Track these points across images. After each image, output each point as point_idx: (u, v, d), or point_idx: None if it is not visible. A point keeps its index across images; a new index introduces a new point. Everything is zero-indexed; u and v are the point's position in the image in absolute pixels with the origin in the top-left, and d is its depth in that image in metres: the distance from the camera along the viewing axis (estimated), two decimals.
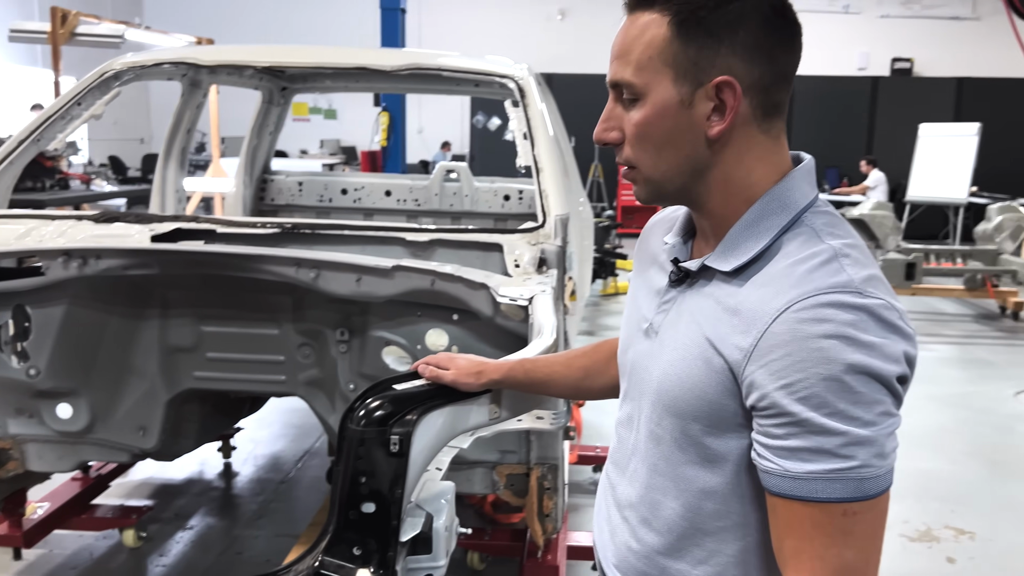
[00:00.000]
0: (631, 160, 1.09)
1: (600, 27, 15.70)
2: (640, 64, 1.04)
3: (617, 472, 1.23)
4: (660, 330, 1.13)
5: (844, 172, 13.65)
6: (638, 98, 1.06)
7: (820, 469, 0.92)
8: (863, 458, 0.92)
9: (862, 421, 0.91)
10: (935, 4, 15.31)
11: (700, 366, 1.03)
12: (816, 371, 0.91)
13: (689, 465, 1.08)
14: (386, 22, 9.28)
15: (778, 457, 0.95)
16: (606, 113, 1.10)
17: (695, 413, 1.05)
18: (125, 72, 3.09)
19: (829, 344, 0.91)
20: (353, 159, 15.23)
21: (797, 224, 1.03)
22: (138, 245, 2.40)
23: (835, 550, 0.94)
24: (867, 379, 0.91)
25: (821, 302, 0.93)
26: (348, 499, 1.52)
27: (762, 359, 0.96)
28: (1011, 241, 8.11)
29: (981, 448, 4.75)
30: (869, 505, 0.93)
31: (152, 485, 3.95)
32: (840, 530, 0.94)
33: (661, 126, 1.04)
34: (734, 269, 1.04)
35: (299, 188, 4.62)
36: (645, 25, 1.05)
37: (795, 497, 0.94)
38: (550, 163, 2.83)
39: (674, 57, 1.02)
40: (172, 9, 15.78)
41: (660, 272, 1.19)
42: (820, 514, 0.94)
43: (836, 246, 0.99)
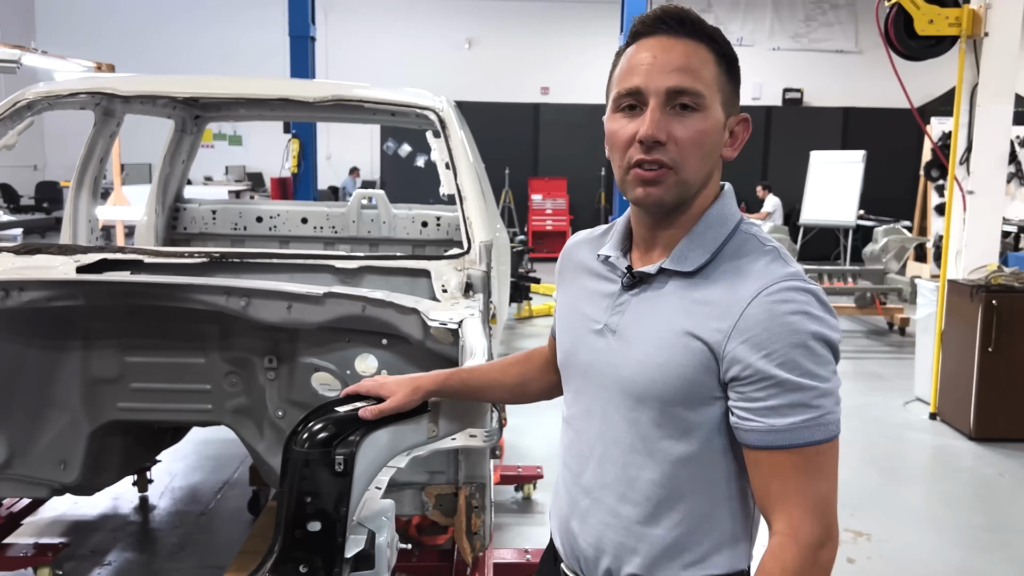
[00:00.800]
0: (676, 161, 1.21)
1: (507, 57, 16.05)
2: (707, 82, 1.21)
3: (580, 462, 1.35)
4: (619, 329, 1.28)
5: (741, 197, 14.26)
6: (699, 109, 1.20)
7: (798, 420, 1.14)
8: (828, 406, 1.15)
9: (824, 377, 1.14)
10: (822, 38, 16.22)
11: (679, 351, 1.20)
12: (788, 340, 1.13)
13: (666, 439, 1.24)
14: (295, 50, 9.25)
15: (761, 416, 1.15)
16: (656, 115, 1.19)
17: (675, 392, 1.21)
18: (38, 102, 3.06)
19: (795, 319, 1.14)
20: (260, 185, 15.01)
21: (737, 233, 1.26)
22: (64, 276, 2.38)
23: (813, 485, 1.16)
24: (823, 344, 1.15)
25: (784, 287, 1.16)
26: (294, 518, 1.57)
27: (742, 336, 1.16)
28: (896, 261, 8.65)
29: (875, 456, 5.06)
30: (832, 444, 1.16)
31: (66, 522, 3.83)
32: (815, 467, 1.15)
33: (712, 138, 1.23)
34: (694, 269, 1.23)
35: (213, 216, 4.58)
36: (700, 50, 1.22)
37: (778, 447, 1.15)
38: (472, 191, 2.94)
39: (723, 87, 1.23)
40: (66, 33, 15.27)
41: (602, 280, 1.36)
42: (799, 457, 1.15)
43: (777, 247, 1.24)
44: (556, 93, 15.62)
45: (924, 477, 4.92)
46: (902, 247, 8.67)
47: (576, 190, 14.42)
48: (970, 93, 5.50)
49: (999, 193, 5.62)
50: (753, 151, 14.85)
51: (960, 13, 5.38)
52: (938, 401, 5.68)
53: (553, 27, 15.91)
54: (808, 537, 1.15)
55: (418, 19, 15.89)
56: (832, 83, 15.88)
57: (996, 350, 5.17)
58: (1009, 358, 5.19)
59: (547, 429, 5.13)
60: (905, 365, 6.75)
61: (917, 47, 5.54)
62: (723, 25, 16.12)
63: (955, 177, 5.59)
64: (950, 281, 5.55)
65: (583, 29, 15.55)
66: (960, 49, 5.47)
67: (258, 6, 15.36)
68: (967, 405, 5.31)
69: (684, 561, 1.25)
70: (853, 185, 10.51)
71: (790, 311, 1.14)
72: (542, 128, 14.98)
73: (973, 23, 5.38)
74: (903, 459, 5.10)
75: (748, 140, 1.30)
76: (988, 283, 5.28)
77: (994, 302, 5.16)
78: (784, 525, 1.16)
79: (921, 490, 4.67)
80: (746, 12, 16.16)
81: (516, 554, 3.46)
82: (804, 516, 1.15)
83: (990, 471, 4.85)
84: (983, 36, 5.38)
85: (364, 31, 15.77)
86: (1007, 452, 5.10)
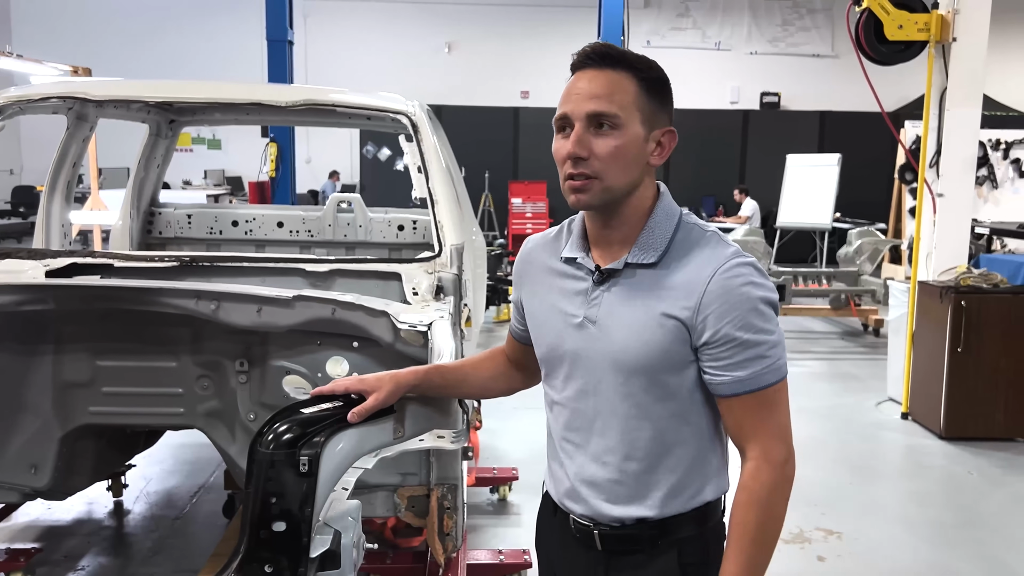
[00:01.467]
0: (597, 173, 1.44)
1: (486, 61, 16.09)
2: (622, 104, 1.43)
3: (582, 435, 1.56)
4: (598, 319, 1.50)
5: (719, 200, 14.37)
6: (615, 128, 1.43)
7: (758, 368, 1.43)
8: (778, 353, 1.45)
9: (772, 331, 1.44)
10: (799, 43, 16.39)
11: (658, 330, 1.45)
12: (743, 307, 1.41)
13: (657, 402, 1.49)
14: (273, 54, 9.24)
15: (729, 371, 1.43)
16: (578, 136, 1.44)
17: (659, 363, 1.46)
18: (9, 106, 3.06)
19: (746, 289, 1.42)
20: (239, 189, 14.96)
21: (682, 224, 1.51)
22: (33, 280, 2.38)
23: (775, 417, 1.46)
24: (768, 305, 1.44)
25: (730, 264, 1.43)
26: (259, 519, 1.59)
27: (707, 309, 1.42)
28: (870, 263, 8.75)
29: (847, 455, 5.13)
30: (784, 383, 1.47)
31: (39, 527, 3.82)
32: (774, 403, 1.46)
33: (631, 151, 1.45)
34: (656, 260, 1.47)
35: (188, 221, 4.57)
36: (619, 78, 1.44)
37: (744, 392, 1.44)
38: (444, 195, 2.97)
39: (643, 106, 1.45)
40: (42, 36, 15.17)
41: (569, 279, 1.56)
42: (761, 398, 1.44)
43: (716, 231, 1.51)
44: (536, 97, 15.68)
45: (895, 476, 4.98)
46: (875, 249, 8.77)
47: (556, 194, 14.37)
48: (939, 97, 5.59)
49: (968, 196, 5.71)
50: (730, 154, 14.97)
51: (929, 18, 5.48)
52: (910, 401, 5.76)
53: (533, 31, 15.98)
54: (777, 457, 1.45)
55: (398, 23, 15.91)
56: (809, 87, 16.05)
57: (965, 350, 5.25)
58: (978, 358, 5.27)
59: (522, 432, 5.16)
60: (879, 366, 6.83)
61: (887, 52, 5.62)
62: (701, 29, 16.28)
63: (925, 180, 5.68)
64: (920, 282, 5.64)
65: (563, 33, 15.61)
66: (929, 54, 5.56)
67: (237, 10, 15.34)
68: (937, 405, 5.39)
69: (685, 496, 1.52)
70: (829, 188, 10.61)
71: (740, 283, 1.42)
72: (522, 132, 15.03)
73: (942, 28, 5.47)
74: (874, 458, 5.17)
75: (726, 143, 1.44)
76: (957, 284, 5.37)
77: (963, 303, 5.24)
78: (758, 451, 1.45)
79: (892, 489, 4.74)
80: (724, 16, 16.30)
81: (490, 555, 3.48)
82: (771, 441, 1.45)
83: (959, 469, 4.92)
84: (951, 41, 5.48)
85: (343, 35, 15.77)
86: (976, 451, 5.18)
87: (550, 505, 1.67)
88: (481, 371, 1.80)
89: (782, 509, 1.47)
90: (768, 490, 1.44)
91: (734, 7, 16.26)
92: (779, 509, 1.46)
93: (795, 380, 6.85)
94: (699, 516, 1.54)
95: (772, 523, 1.46)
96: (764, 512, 1.44)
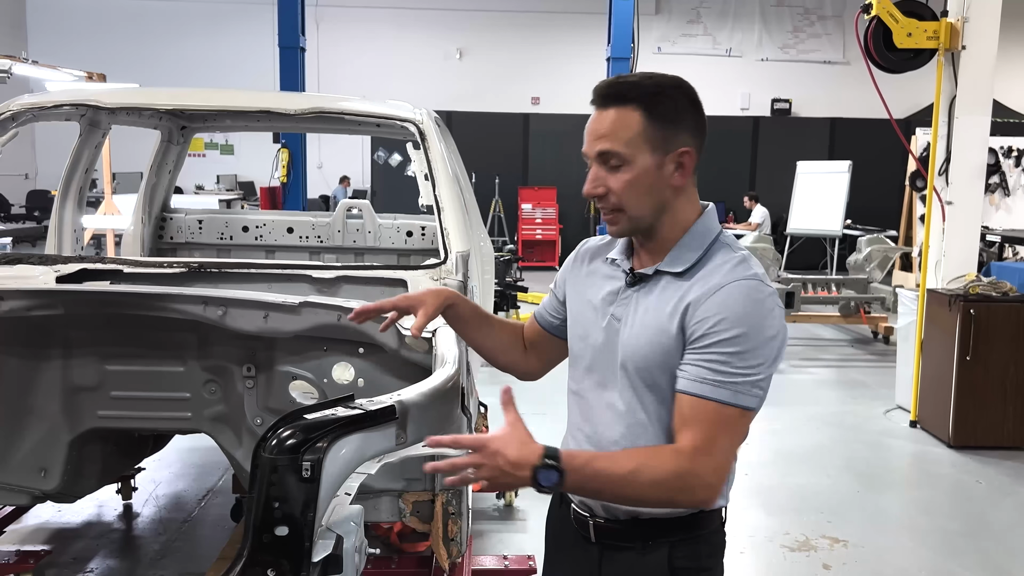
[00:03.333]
0: (618, 206, 1.52)
1: (497, 67, 16.13)
2: (627, 141, 1.49)
3: (592, 424, 1.62)
4: (623, 318, 1.58)
5: (729, 207, 14.35)
6: (624, 164, 1.49)
7: (722, 379, 1.43)
8: (751, 381, 1.43)
9: (755, 356, 1.43)
10: (810, 49, 16.36)
11: (659, 333, 1.51)
12: (735, 320, 1.43)
13: (659, 403, 1.53)
14: (285, 60, 9.30)
15: (692, 366, 1.45)
16: (593, 175, 1.52)
17: (658, 364, 1.51)
18: (23, 113, 3.10)
19: (743, 305, 1.44)
20: (251, 195, 15.04)
21: (717, 243, 1.56)
22: (44, 286, 2.42)
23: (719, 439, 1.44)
24: (761, 332, 1.43)
25: (743, 284, 1.46)
26: (262, 523, 1.60)
27: (705, 312, 1.45)
28: (879, 270, 8.72)
29: (854, 463, 5.11)
30: (741, 415, 1.44)
31: (49, 529, 3.86)
32: (723, 424, 1.43)
33: (644, 182, 1.51)
34: (683, 270, 1.53)
35: (199, 226, 4.61)
36: (624, 115, 1.49)
37: (693, 394, 1.44)
38: (451, 202, 2.99)
39: (649, 136, 1.49)
40: (58, 43, 15.30)
41: (609, 280, 1.64)
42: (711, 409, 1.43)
43: (745, 254, 1.55)
44: (546, 103, 15.71)
45: (902, 484, 4.97)
46: (885, 256, 8.74)
47: (566, 200, 14.48)
48: (948, 105, 5.58)
49: (977, 204, 5.70)
50: (741, 161, 14.95)
51: (938, 26, 5.47)
52: (918, 409, 5.74)
53: (543, 38, 16.01)
54: (701, 468, 1.42)
55: (409, 30, 15.97)
56: (820, 94, 16.00)
57: (974, 359, 5.23)
58: (986, 367, 5.25)
59: None
60: (888, 373, 6.80)
61: (896, 60, 5.62)
62: (712, 36, 16.28)
63: (934, 188, 5.67)
64: (929, 290, 5.62)
65: (573, 40, 15.65)
66: (938, 62, 5.55)
67: (250, 17, 15.44)
68: (946, 413, 5.37)
69: None
70: (839, 195, 10.59)
71: (740, 304, 1.44)
72: (532, 138, 15.05)
73: (951, 36, 5.46)
74: (882, 466, 5.16)
75: (737, 149, 1.43)
76: (966, 293, 5.35)
77: (972, 311, 5.22)
78: (684, 447, 1.43)
79: (899, 497, 4.73)
80: (735, 23, 16.29)
81: (496, 560, 3.49)
82: (704, 454, 1.42)
83: (967, 478, 4.90)
84: (961, 49, 5.47)
85: (355, 41, 15.85)
86: (984, 460, 5.16)
87: (560, 494, 1.73)
88: (501, 331, 1.85)
89: (659, 497, 1.44)
90: (670, 475, 1.40)
91: (745, 14, 16.25)
92: (657, 494, 1.42)
93: (803, 387, 6.84)
94: (693, 521, 1.56)
95: (636, 489, 1.41)
96: (647, 475, 1.40)
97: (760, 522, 4.13)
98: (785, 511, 4.29)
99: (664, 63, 15.18)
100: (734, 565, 1.55)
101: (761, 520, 4.15)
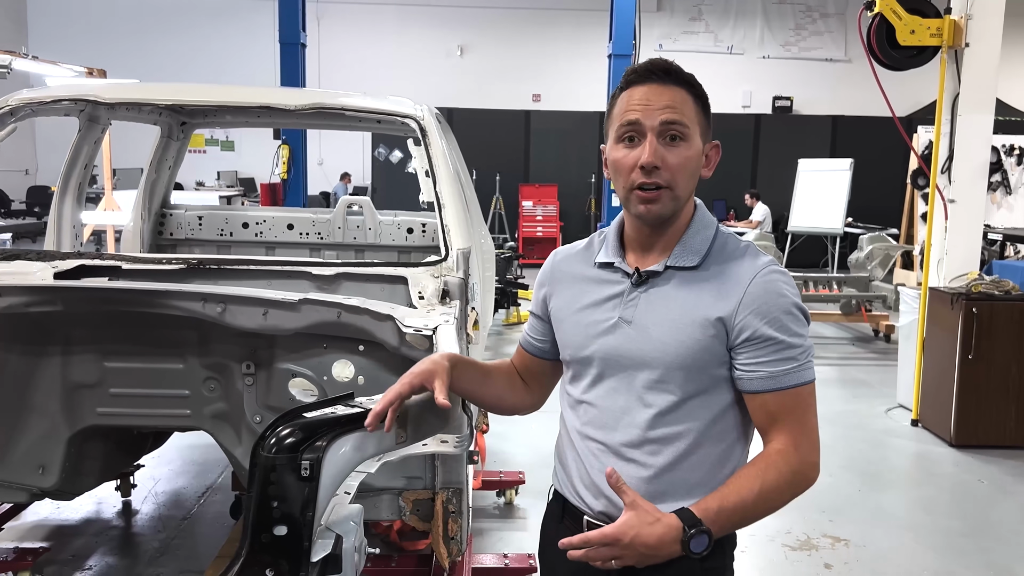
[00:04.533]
0: (671, 182, 1.51)
1: (498, 64, 16.11)
2: (689, 118, 1.52)
3: (606, 433, 1.58)
4: (634, 319, 1.55)
5: (730, 204, 14.32)
6: (684, 139, 1.51)
7: (790, 367, 1.49)
8: (808, 357, 1.51)
9: (804, 336, 1.51)
10: (812, 47, 16.34)
11: (697, 329, 1.50)
12: (780, 310, 1.49)
13: (688, 399, 1.53)
14: (285, 56, 9.28)
15: (763, 367, 1.49)
16: (654, 145, 1.49)
17: (695, 361, 1.50)
18: (21, 108, 3.08)
19: (782, 294, 1.50)
20: (252, 191, 15.02)
21: (719, 234, 1.58)
22: (42, 282, 2.40)
23: (807, 417, 1.51)
24: (800, 312, 1.52)
25: (770, 271, 1.52)
26: (260, 523, 1.59)
27: (747, 309, 1.49)
28: (880, 268, 8.71)
29: (856, 462, 5.10)
30: (812, 387, 1.52)
31: (48, 526, 3.85)
32: (805, 404, 1.51)
33: (695, 162, 1.54)
34: (696, 264, 1.54)
35: (199, 222, 4.60)
36: (682, 94, 1.52)
37: (778, 388, 1.49)
38: (451, 199, 2.97)
39: (700, 121, 1.54)
40: (58, 38, 15.29)
41: (604, 285, 1.61)
42: (793, 396, 1.49)
43: (750, 242, 1.59)
44: (547, 100, 15.69)
45: (904, 483, 4.96)
46: (886, 255, 8.73)
47: (566, 197, 14.46)
48: (951, 103, 5.56)
49: (980, 202, 5.68)
50: (742, 159, 14.92)
51: (941, 24, 5.45)
52: (920, 408, 5.73)
53: (544, 35, 15.99)
54: (807, 454, 1.49)
55: (411, 26, 15.95)
56: (821, 91, 15.99)
57: (976, 357, 5.22)
58: (988, 365, 5.23)
59: (529, 436, 5.16)
60: (889, 372, 6.78)
61: (899, 57, 5.59)
62: (713, 33, 16.25)
63: (937, 186, 5.65)
64: (931, 289, 5.60)
65: (574, 37, 15.63)
66: (941, 59, 5.53)
67: (251, 12, 15.42)
68: (948, 412, 5.35)
69: (705, 492, 1.50)
70: (841, 193, 10.56)
71: (778, 289, 1.50)
72: (533, 135, 15.03)
73: (954, 34, 5.44)
74: (883, 465, 5.14)
75: (738, 147, 1.46)
76: (969, 291, 5.34)
77: (974, 310, 5.21)
78: (787, 441, 1.48)
79: (900, 496, 4.71)
80: (737, 20, 16.26)
81: (496, 559, 3.48)
82: (802, 438, 1.49)
83: (969, 477, 4.89)
84: (964, 47, 5.45)
85: (356, 38, 15.82)
86: (987, 458, 5.14)
87: (558, 509, 1.69)
88: (498, 376, 1.79)
89: (786, 499, 1.49)
90: (788, 475, 1.46)
91: (747, 11, 16.22)
92: (785, 497, 1.48)
93: None
94: None
95: (768, 503, 1.47)
96: (771, 488, 1.45)
97: (761, 521, 4.11)
98: (786, 510, 4.21)
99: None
100: (735, 565, 1.55)
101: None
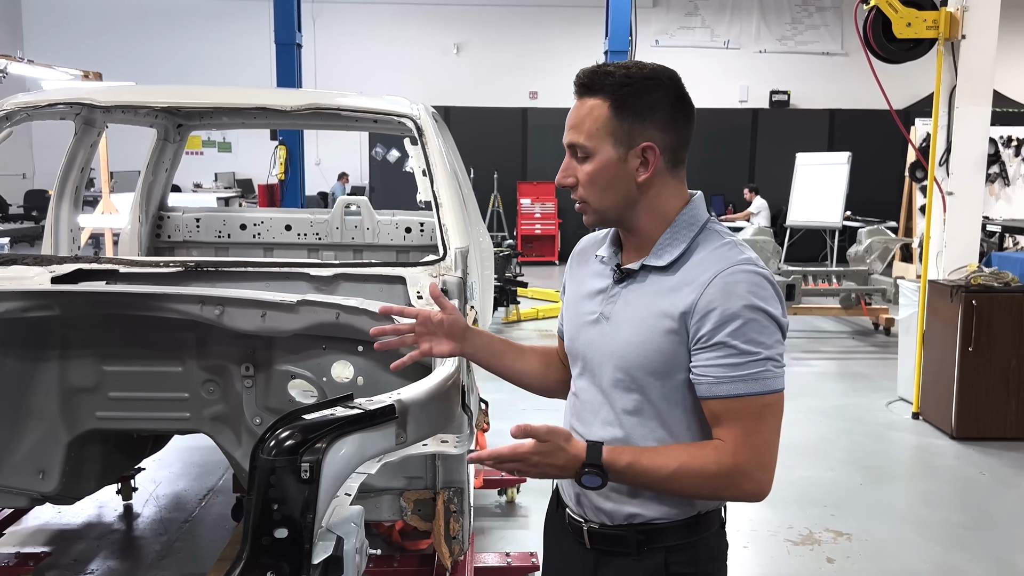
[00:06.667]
0: (583, 198, 1.53)
1: (495, 62, 16.08)
2: (590, 133, 1.48)
3: (585, 426, 1.59)
4: (611, 316, 1.55)
5: (729, 199, 14.32)
6: (588, 156, 1.49)
7: (738, 374, 1.40)
8: (765, 367, 1.41)
9: (764, 343, 1.41)
10: (808, 41, 16.31)
11: (657, 331, 1.47)
12: (738, 312, 1.40)
13: (655, 401, 1.50)
14: (281, 57, 9.26)
15: (712, 372, 1.42)
16: (565, 165, 1.54)
17: (653, 362, 1.47)
18: (17, 112, 3.07)
19: (745, 296, 1.40)
20: (249, 192, 15.00)
21: (704, 231, 1.52)
22: (39, 287, 2.40)
23: (755, 433, 1.42)
24: (765, 317, 1.41)
25: (738, 270, 1.43)
26: (261, 526, 1.58)
27: (703, 310, 1.42)
28: (880, 262, 8.70)
29: (857, 456, 5.10)
30: (771, 399, 1.42)
31: (49, 531, 3.84)
32: (757, 416, 1.42)
33: (605, 175, 1.49)
34: (668, 264, 1.49)
35: (197, 224, 4.59)
36: (592, 106, 1.48)
37: (717, 396, 1.42)
38: (449, 198, 2.97)
39: (613, 129, 1.47)
40: (54, 42, 15.25)
41: (598, 277, 1.61)
42: (739, 406, 1.41)
43: (736, 239, 1.52)
44: (544, 98, 15.66)
45: (905, 476, 4.96)
46: (885, 248, 8.72)
47: (565, 194, 14.27)
48: (948, 95, 5.55)
49: (978, 194, 5.67)
50: (740, 153, 14.92)
51: (938, 16, 5.44)
52: (920, 401, 5.72)
53: (541, 32, 15.97)
54: (744, 464, 1.42)
55: (406, 25, 15.92)
56: (818, 85, 15.96)
57: (976, 350, 5.22)
58: (989, 358, 5.23)
59: None
60: (889, 365, 6.78)
61: (896, 50, 5.59)
62: (710, 28, 16.23)
63: (935, 179, 5.64)
64: (931, 281, 5.60)
65: (571, 34, 15.60)
66: (938, 52, 5.52)
67: (246, 13, 15.38)
68: (948, 405, 5.35)
69: (677, 500, 1.51)
70: (839, 186, 10.56)
71: (741, 290, 1.41)
72: (531, 132, 15.01)
73: (950, 26, 5.43)
74: (885, 459, 5.14)
75: (736, 142, 1.40)
76: (968, 283, 5.33)
77: (974, 302, 5.20)
78: (725, 445, 1.42)
79: (902, 489, 4.71)
80: (733, 15, 16.24)
81: (498, 558, 3.48)
82: (745, 449, 1.42)
83: (971, 470, 4.89)
84: (960, 38, 5.44)
85: (352, 37, 15.79)
86: (987, 451, 5.14)
87: (556, 497, 1.72)
88: (533, 354, 1.81)
89: (704, 494, 1.48)
90: (713, 472, 1.42)
91: (743, 6, 16.20)
92: (702, 491, 1.46)
93: (805, 380, 6.80)
94: (691, 525, 1.54)
95: (680, 487, 1.45)
96: (690, 473, 1.43)
97: (763, 516, 4.12)
98: (788, 505, 4.28)
99: (662, 56, 15.12)
100: (737, 560, 1.54)
101: (764, 514, 4.14)
